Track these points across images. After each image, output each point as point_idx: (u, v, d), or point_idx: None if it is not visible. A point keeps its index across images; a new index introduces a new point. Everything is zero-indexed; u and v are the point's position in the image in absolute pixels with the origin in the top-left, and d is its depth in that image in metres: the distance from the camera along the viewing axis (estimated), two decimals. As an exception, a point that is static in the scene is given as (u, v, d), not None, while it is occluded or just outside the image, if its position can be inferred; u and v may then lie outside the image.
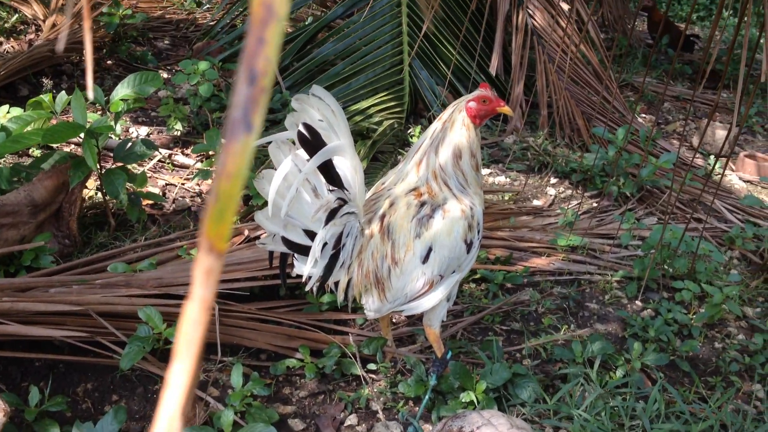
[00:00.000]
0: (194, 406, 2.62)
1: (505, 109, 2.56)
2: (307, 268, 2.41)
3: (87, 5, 0.87)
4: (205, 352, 2.92)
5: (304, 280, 2.48)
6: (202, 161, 4.24)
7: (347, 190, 2.45)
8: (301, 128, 2.32)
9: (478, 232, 2.56)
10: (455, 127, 2.51)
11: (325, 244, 2.42)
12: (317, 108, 2.37)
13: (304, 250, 2.42)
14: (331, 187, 2.41)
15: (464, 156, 2.51)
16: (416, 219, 2.49)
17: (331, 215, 2.39)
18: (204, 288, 0.48)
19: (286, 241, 2.42)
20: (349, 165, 2.45)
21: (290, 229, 2.43)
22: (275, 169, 2.36)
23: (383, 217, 2.54)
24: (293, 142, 2.39)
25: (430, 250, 2.48)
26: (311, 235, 2.42)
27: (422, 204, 2.51)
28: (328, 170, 2.39)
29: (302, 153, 2.36)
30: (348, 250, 2.51)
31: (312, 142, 2.32)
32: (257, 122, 0.47)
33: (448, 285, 2.59)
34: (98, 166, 3.35)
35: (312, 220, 2.40)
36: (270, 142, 2.44)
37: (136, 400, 2.74)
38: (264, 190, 2.41)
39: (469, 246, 2.52)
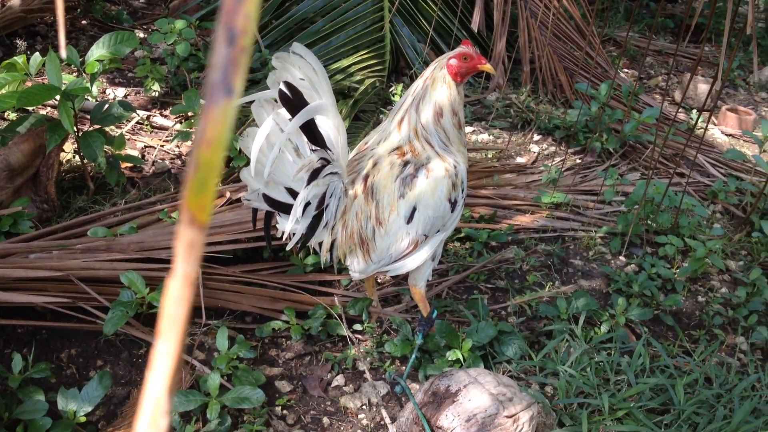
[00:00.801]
0: (180, 370, 2.61)
1: (487, 67, 2.52)
2: (289, 225, 2.38)
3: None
4: (190, 316, 2.89)
5: (285, 238, 2.46)
6: (181, 122, 4.17)
7: (330, 150, 2.42)
8: (282, 87, 2.27)
9: (462, 190, 2.53)
10: (436, 85, 2.47)
11: (308, 203, 2.39)
12: (298, 66, 2.32)
13: (287, 209, 2.39)
14: (313, 147, 2.37)
15: (445, 114, 2.47)
16: (400, 179, 2.46)
17: (314, 175, 2.36)
18: (186, 263, 0.45)
19: (268, 199, 2.39)
20: (331, 124, 2.41)
21: (272, 187, 2.40)
22: (259, 127, 2.32)
23: (367, 177, 2.51)
24: (276, 101, 2.34)
25: (414, 209, 2.45)
26: (294, 193, 2.39)
27: (406, 163, 2.48)
28: (310, 130, 2.35)
29: (284, 112, 2.31)
30: (331, 210, 2.48)
31: (294, 101, 2.28)
32: (238, 85, 0.44)
33: (433, 244, 2.58)
34: (75, 129, 3.28)
35: (294, 180, 2.37)
36: (253, 101, 2.39)
37: (121, 365, 2.72)
38: (248, 148, 2.36)
39: (453, 205, 2.50)
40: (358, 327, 2.95)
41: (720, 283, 3.52)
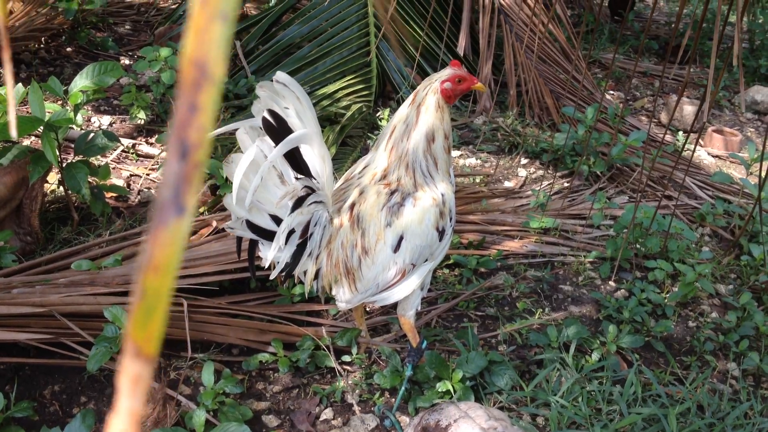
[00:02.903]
0: (165, 406, 2.56)
1: (479, 86, 2.50)
2: (271, 253, 2.35)
3: None
4: (175, 349, 2.86)
5: (267, 266, 2.42)
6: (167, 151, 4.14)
7: (315, 179, 2.39)
8: (266, 115, 2.26)
9: (451, 219, 2.51)
10: (430, 110, 2.44)
11: (292, 231, 2.37)
12: (283, 95, 2.30)
13: (270, 236, 2.36)
14: (298, 175, 2.35)
15: (437, 139, 2.45)
16: (387, 207, 2.44)
17: (298, 203, 2.33)
18: (131, 398, 0.42)
19: (252, 226, 2.36)
20: (316, 153, 2.39)
21: (256, 213, 2.37)
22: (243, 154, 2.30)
23: (353, 206, 2.48)
24: (261, 129, 2.32)
25: (401, 239, 2.43)
26: (278, 220, 2.36)
27: (392, 192, 2.45)
28: (294, 158, 2.33)
29: (269, 139, 2.29)
30: (316, 239, 2.45)
31: (278, 129, 2.26)
32: (190, 203, 0.40)
33: (421, 274, 2.55)
34: (59, 160, 3.25)
35: (277, 207, 2.34)
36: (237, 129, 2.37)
37: (105, 401, 2.67)
38: (232, 174, 2.34)
39: (441, 233, 2.48)
40: (346, 358, 2.91)
41: (710, 308, 3.50)
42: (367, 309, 3.23)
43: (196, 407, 2.49)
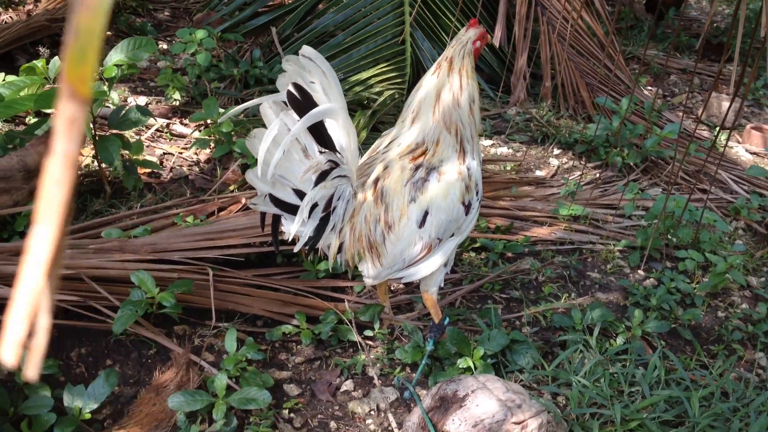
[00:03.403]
0: (188, 370, 2.59)
1: (489, 37, 2.54)
2: (294, 227, 2.36)
3: None
4: (200, 318, 2.89)
5: (290, 239, 2.44)
6: (200, 130, 4.19)
7: (339, 153, 2.40)
8: (291, 89, 2.27)
9: (477, 192, 2.50)
10: (471, 74, 2.45)
11: (315, 205, 2.38)
12: (309, 69, 2.31)
13: (293, 210, 2.37)
14: (322, 149, 2.36)
15: (477, 101, 2.47)
16: (411, 183, 2.44)
17: (321, 177, 2.34)
18: (67, 140, 0.42)
19: (275, 200, 2.38)
20: (341, 128, 2.40)
21: (279, 187, 2.39)
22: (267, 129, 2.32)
23: (377, 181, 2.49)
24: (285, 104, 2.34)
25: (426, 214, 2.43)
26: (301, 195, 2.37)
27: (417, 167, 2.45)
28: (319, 132, 2.35)
29: (293, 114, 2.31)
30: (339, 213, 2.46)
31: (302, 103, 2.28)
32: None
33: (447, 250, 2.55)
34: (93, 133, 3.31)
35: (300, 180, 2.35)
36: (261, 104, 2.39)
37: (130, 365, 2.71)
38: (255, 149, 2.36)
39: (467, 208, 2.47)
40: (368, 333, 2.92)
41: (741, 299, 3.45)
42: (392, 287, 3.24)
43: (218, 372, 2.52)
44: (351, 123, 2.39)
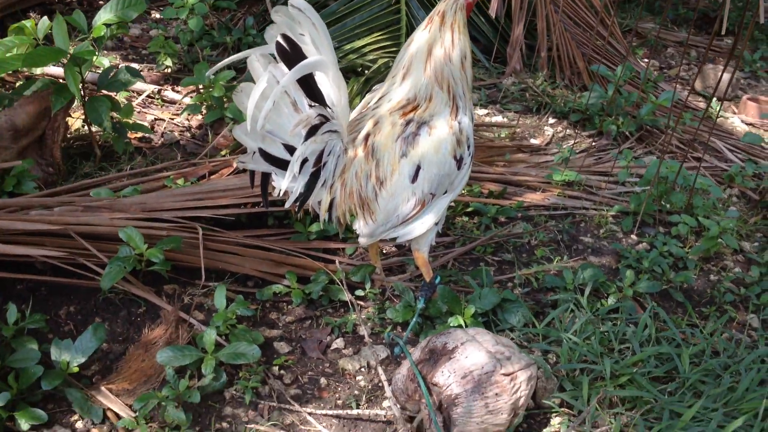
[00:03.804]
0: (178, 327, 2.59)
1: None
2: (285, 182, 2.33)
3: None
4: (190, 277, 2.88)
5: (281, 194, 2.41)
6: (191, 96, 4.16)
7: (329, 108, 2.38)
8: (280, 40, 2.24)
9: (469, 146, 2.48)
10: (463, 29, 2.43)
11: (305, 160, 2.35)
12: (298, 21, 2.28)
13: (284, 165, 2.34)
14: (312, 103, 2.33)
15: (468, 57, 2.44)
16: (401, 138, 2.41)
17: (312, 131, 2.31)
18: None
19: (265, 154, 2.35)
20: (331, 82, 2.37)
21: (269, 142, 2.36)
22: (255, 83, 2.29)
23: (367, 136, 2.46)
24: (274, 57, 2.31)
25: (418, 168, 2.40)
26: (291, 150, 2.35)
27: (408, 122, 2.43)
28: (309, 85, 2.31)
29: (282, 67, 2.28)
30: (330, 168, 2.44)
31: (291, 55, 2.25)
32: None
33: (440, 207, 2.53)
34: (82, 94, 3.28)
35: (290, 135, 2.33)
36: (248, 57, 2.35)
37: (119, 322, 2.70)
38: (243, 104, 2.33)
39: (459, 162, 2.45)
40: (360, 293, 2.91)
41: (733, 263, 3.44)
42: (384, 250, 3.22)
43: (208, 328, 2.50)
44: (341, 77, 2.35)
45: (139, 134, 3.83)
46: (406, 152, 2.41)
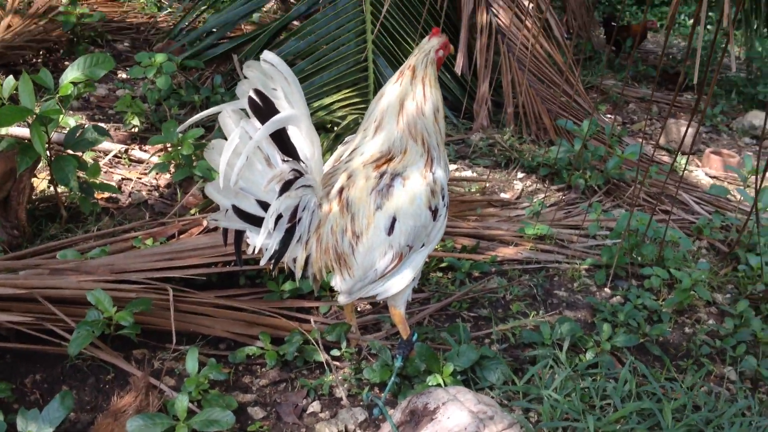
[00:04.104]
0: (148, 395, 2.49)
1: (451, 48, 2.59)
2: (260, 239, 2.29)
3: None
4: (160, 340, 2.79)
5: (256, 252, 2.36)
6: (159, 155, 4.11)
7: (303, 162, 2.35)
8: (252, 94, 2.22)
9: (443, 197, 2.46)
10: (434, 83, 2.44)
11: (279, 216, 2.31)
12: (271, 75, 2.26)
13: (258, 222, 2.30)
14: (285, 158, 2.31)
15: (441, 110, 2.45)
16: (375, 191, 2.39)
17: (286, 186, 2.28)
18: None
19: (238, 211, 2.31)
20: (305, 136, 2.35)
21: (242, 199, 2.32)
22: (226, 140, 2.26)
23: (341, 190, 2.44)
24: (246, 113, 2.29)
25: (394, 220, 2.38)
26: (265, 206, 2.31)
27: (382, 175, 2.41)
28: (282, 140, 2.29)
29: (255, 122, 2.26)
30: (305, 224, 2.40)
31: (264, 110, 2.23)
32: None
33: (418, 262, 2.50)
34: (48, 154, 3.22)
35: (264, 190, 2.29)
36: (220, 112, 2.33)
37: (87, 390, 2.60)
38: (215, 161, 2.29)
39: (434, 213, 2.43)
40: (335, 353, 2.85)
41: (707, 316, 3.45)
42: (358, 308, 3.17)
43: (179, 394, 2.42)
44: (314, 131, 2.33)
45: (107, 194, 3.76)
46: (381, 205, 2.39)
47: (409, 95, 2.42)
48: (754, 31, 7.23)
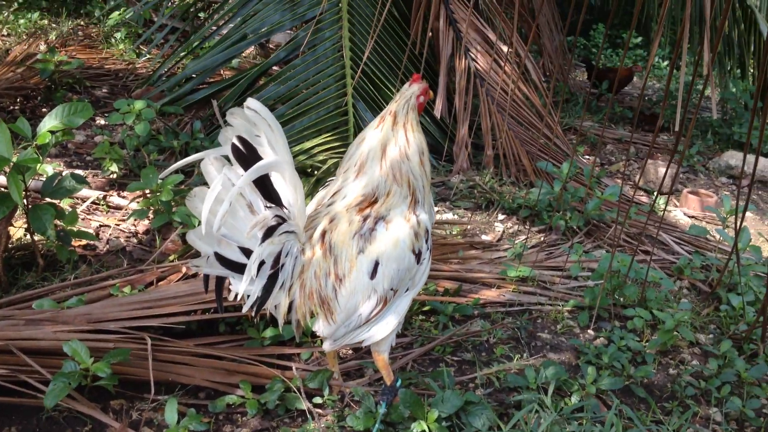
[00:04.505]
0: (125, 447, 2.44)
1: (431, 93, 2.62)
2: (243, 285, 2.26)
3: None
4: (138, 390, 2.73)
5: (239, 299, 2.33)
6: (138, 201, 4.08)
7: (286, 209, 2.34)
8: (236, 141, 2.21)
9: (427, 240, 2.45)
10: (416, 127, 2.46)
11: (262, 262, 2.29)
12: (254, 122, 2.26)
13: (240, 269, 2.28)
14: (268, 204, 2.29)
15: (426, 153, 2.46)
16: (358, 235, 2.38)
17: (269, 233, 2.26)
18: None
19: (221, 258, 2.28)
20: (288, 182, 2.34)
21: (225, 246, 2.29)
22: (209, 187, 2.24)
23: (324, 234, 2.42)
24: (228, 160, 2.28)
25: (377, 264, 2.36)
26: (247, 253, 2.28)
27: (365, 218, 2.40)
28: (265, 186, 2.28)
29: (237, 169, 2.24)
30: (288, 270, 2.37)
31: (247, 156, 2.22)
32: None
33: (403, 307, 2.48)
34: (25, 203, 3.18)
35: (247, 237, 2.27)
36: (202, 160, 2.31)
37: (62, 443, 2.54)
38: (197, 208, 2.27)
39: (418, 256, 2.41)
40: (318, 400, 2.80)
41: (691, 356, 3.43)
42: (341, 354, 3.13)
43: (158, 446, 2.37)
44: (298, 177, 2.33)
45: (84, 242, 3.72)
46: (364, 248, 2.38)
47: (391, 141, 2.43)
48: (728, 72, 7.37)
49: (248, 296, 2.34)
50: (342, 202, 2.45)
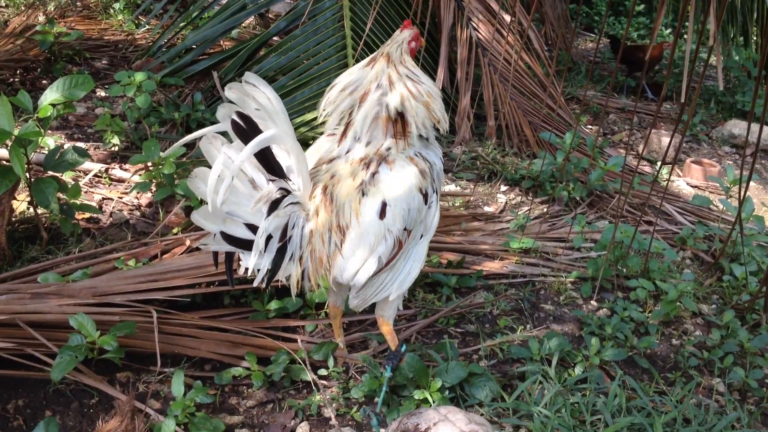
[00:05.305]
0: (133, 419, 2.45)
1: (423, 41, 2.60)
2: (252, 261, 2.26)
3: None
4: (144, 363, 2.75)
5: (250, 274, 2.33)
6: (140, 174, 4.07)
7: (290, 180, 2.33)
8: (235, 117, 2.20)
9: (433, 180, 2.44)
10: (410, 65, 2.43)
11: (270, 237, 2.28)
12: (253, 96, 2.24)
13: (248, 245, 2.27)
14: (271, 177, 2.28)
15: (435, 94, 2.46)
16: (363, 181, 2.37)
17: (273, 206, 2.25)
18: None
19: (227, 237, 2.27)
20: (290, 153, 2.33)
21: (230, 224, 2.29)
22: (209, 167, 2.23)
23: (325, 188, 2.40)
24: (229, 137, 2.26)
25: (384, 205, 2.33)
26: (254, 229, 2.28)
27: (367, 165, 2.38)
28: (266, 160, 2.27)
29: (238, 144, 2.23)
30: (296, 242, 2.36)
31: (248, 131, 2.20)
32: None
33: (422, 254, 2.50)
34: (27, 176, 3.17)
35: (252, 212, 2.26)
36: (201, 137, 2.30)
37: (71, 415, 2.55)
38: (199, 189, 2.27)
39: (425, 197, 2.40)
40: (323, 372, 2.82)
41: (693, 327, 3.45)
42: (344, 325, 3.14)
43: (165, 418, 2.38)
44: (300, 147, 2.30)
45: (87, 215, 3.72)
46: (367, 191, 2.35)
47: (385, 88, 2.40)
48: (731, 40, 7.30)
49: (257, 270, 2.33)
50: (344, 159, 2.44)
